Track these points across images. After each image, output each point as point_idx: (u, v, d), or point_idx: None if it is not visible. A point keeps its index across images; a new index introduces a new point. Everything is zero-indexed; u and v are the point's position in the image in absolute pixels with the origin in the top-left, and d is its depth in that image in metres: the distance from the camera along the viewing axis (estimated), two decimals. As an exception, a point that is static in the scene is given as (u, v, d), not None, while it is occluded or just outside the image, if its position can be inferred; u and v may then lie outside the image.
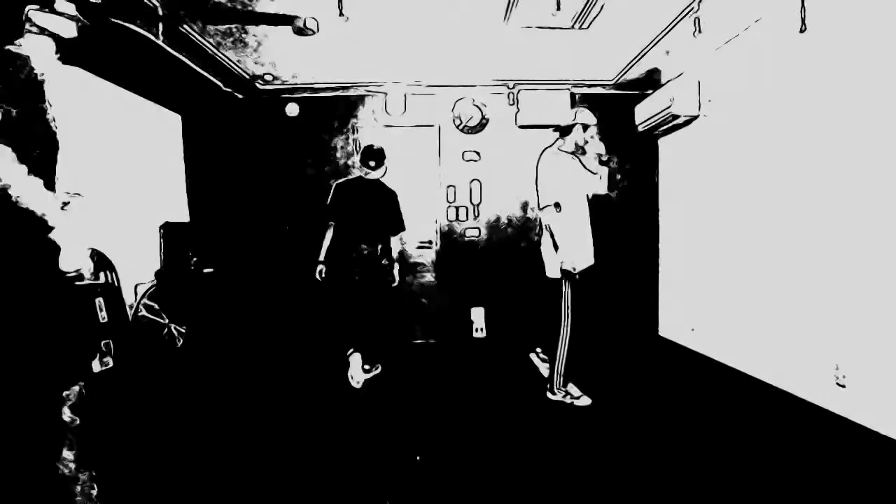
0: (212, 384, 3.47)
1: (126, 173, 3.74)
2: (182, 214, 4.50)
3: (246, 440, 2.44)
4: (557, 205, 2.90)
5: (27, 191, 1.85)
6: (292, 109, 4.61)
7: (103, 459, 2.21)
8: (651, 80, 4.38)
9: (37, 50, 1.90)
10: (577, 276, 2.87)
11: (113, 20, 2.87)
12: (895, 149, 2.22)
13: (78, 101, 3.25)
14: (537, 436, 2.47)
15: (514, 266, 4.70)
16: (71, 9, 2.02)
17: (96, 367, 3.17)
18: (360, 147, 4.57)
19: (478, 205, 4.75)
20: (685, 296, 4.29)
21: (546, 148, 3.04)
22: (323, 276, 3.42)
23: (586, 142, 2.97)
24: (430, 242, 4.74)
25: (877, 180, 2.31)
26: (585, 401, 2.90)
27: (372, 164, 3.48)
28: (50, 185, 2.08)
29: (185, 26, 3.25)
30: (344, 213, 3.43)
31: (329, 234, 3.45)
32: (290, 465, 2.15)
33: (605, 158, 3.00)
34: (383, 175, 3.59)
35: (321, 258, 3.42)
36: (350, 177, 3.63)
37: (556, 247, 2.88)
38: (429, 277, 4.74)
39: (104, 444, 2.40)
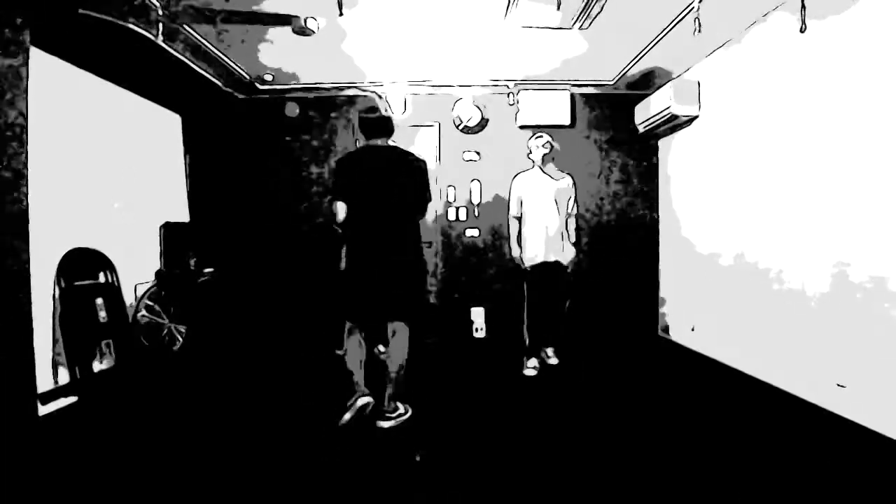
0: (212, 384, 3.46)
1: (126, 173, 3.74)
2: (182, 214, 4.50)
3: (246, 440, 2.44)
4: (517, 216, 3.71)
5: None
6: (292, 109, 4.60)
7: (103, 460, 2.22)
8: (651, 80, 4.38)
9: None
10: (527, 269, 3.66)
11: (113, 20, 2.87)
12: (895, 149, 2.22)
13: (78, 101, 3.25)
14: (537, 435, 2.47)
15: (514, 265, 4.69)
16: None
17: (96, 367, 3.17)
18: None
19: (478, 205, 4.75)
20: (685, 296, 4.29)
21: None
22: None
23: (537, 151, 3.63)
24: (430, 243, 4.74)
25: (878, 180, 2.31)
26: (531, 372, 3.51)
27: None
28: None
29: (185, 26, 3.24)
30: None
31: None
32: (290, 464, 2.15)
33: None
34: None
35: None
36: None
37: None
38: (428, 277, 4.74)
39: (104, 444, 2.41)
